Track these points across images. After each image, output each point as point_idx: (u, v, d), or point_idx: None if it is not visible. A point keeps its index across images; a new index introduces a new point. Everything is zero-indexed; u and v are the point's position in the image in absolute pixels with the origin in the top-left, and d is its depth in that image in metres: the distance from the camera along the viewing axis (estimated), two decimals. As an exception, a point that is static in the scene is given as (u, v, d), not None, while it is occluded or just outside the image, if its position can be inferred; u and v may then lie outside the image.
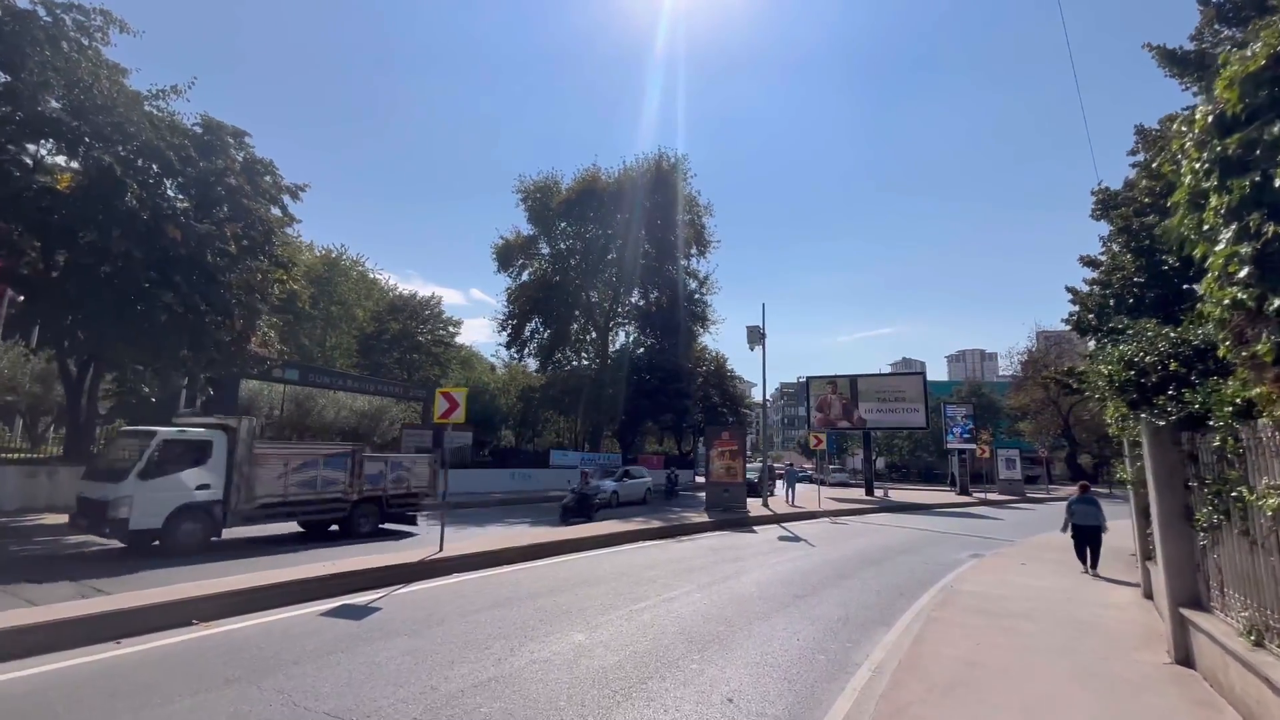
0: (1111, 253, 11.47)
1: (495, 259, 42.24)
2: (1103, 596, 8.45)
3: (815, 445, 25.27)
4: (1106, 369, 5.76)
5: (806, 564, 11.94)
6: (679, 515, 18.79)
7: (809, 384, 34.73)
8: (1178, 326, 8.33)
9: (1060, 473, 53.84)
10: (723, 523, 17.73)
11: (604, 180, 40.55)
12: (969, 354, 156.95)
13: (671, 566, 11.10)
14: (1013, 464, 38.85)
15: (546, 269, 43.03)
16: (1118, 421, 8.32)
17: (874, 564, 12.15)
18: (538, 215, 41.65)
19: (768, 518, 19.39)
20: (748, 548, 13.90)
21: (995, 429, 49.35)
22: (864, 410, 32.91)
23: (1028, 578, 10.01)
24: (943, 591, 9.18)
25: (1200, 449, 4.90)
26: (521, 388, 44.22)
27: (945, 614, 7.42)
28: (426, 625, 6.84)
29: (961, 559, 13.15)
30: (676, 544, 14.19)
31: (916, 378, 33.10)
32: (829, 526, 19.04)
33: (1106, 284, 12.17)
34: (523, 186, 42.04)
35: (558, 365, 44.90)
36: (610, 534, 14.05)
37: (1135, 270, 10.18)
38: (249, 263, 15.56)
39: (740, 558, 12.44)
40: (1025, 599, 8.22)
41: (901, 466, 59.88)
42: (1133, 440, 7.66)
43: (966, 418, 36.26)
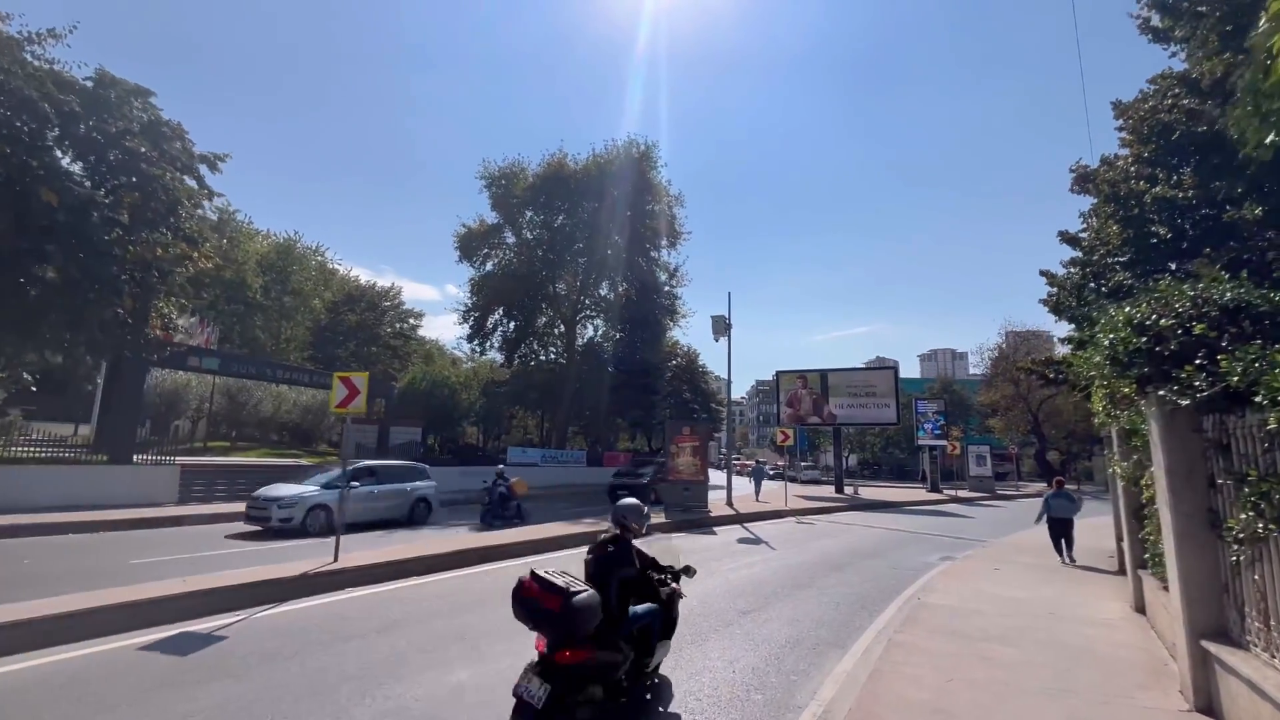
0: (1094, 227, 10.53)
1: (457, 248, 40.53)
2: (1088, 611, 7.41)
3: (782, 441, 24.24)
4: (1108, 337, 4.61)
5: (763, 570, 10.77)
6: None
7: (779, 379, 33.77)
8: None
9: (1029, 469, 54.05)
10: (681, 524, 16.52)
11: (571, 167, 39.08)
12: (940, 353, 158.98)
13: (609, 576, 9.83)
14: (983, 460, 38.51)
15: (512, 259, 41.41)
16: (1107, 408, 7.27)
17: (836, 569, 11.04)
18: (502, 203, 40.01)
19: (730, 518, 18.24)
20: (703, 551, 12.70)
21: (966, 426, 49.22)
22: (835, 406, 32.07)
23: (1003, 586, 8.96)
24: (909, 603, 8.07)
25: (1236, 436, 3.76)
26: (485, 382, 42.54)
27: (910, 636, 6.26)
28: (271, 661, 5.44)
29: (931, 562, 12.14)
30: (625, 548, 12.94)
31: (888, 373, 32.38)
32: (794, 527, 17.98)
33: (1086, 263, 11.22)
34: (487, 172, 40.35)
35: (524, 359, 43.37)
36: (551, 538, 12.73)
37: (1121, 244, 9.21)
38: (147, 236, 13.82)
39: (698, 563, 11.19)
40: (1002, 614, 7.12)
41: (873, 463, 59.58)
42: (1126, 429, 6.60)
43: (938, 414, 35.72)
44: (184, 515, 14.57)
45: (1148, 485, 6.25)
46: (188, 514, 14.75)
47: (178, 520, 14.19)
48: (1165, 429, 4.34)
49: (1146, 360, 4.22)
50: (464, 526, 15.62)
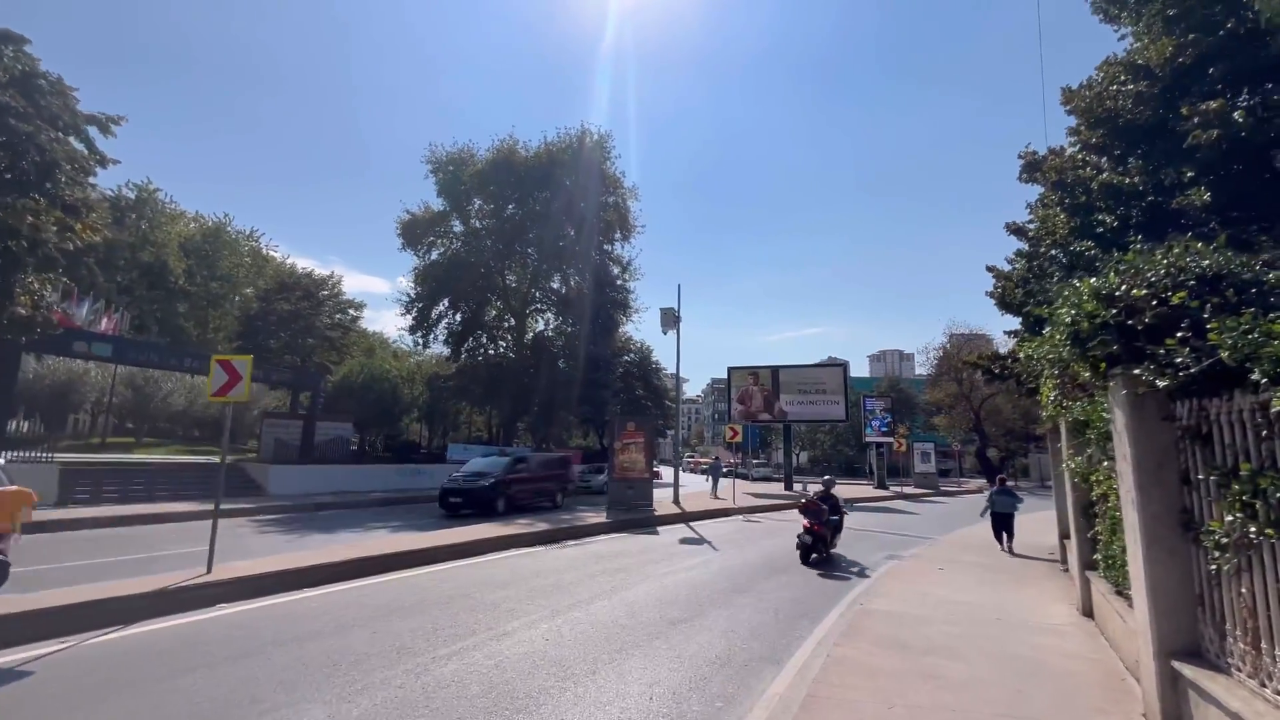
0: (1040, 217, 10.29)
1: (400, 235, 38.65)
2: (1036, 615, 6.99)
3: (731, 437, 23.80)
4: (1070, 313, 4.03)
5: (702, 574, 10.09)
6: (574, 516, 16.66)
7: (730, 375, 33.44)
8: None
9: (970, 465, 55.73)
10: (623, 523, 15.75)
11: (522, 155, 37.77)
12: (889, 354, 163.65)
13: (533, 583, 8.96)
14: (928, 457, 39.25)
15: (459, 248, 39.81)
16: (1057, 400, 6.85)
17: (779, 572, 10.46)
18: (450, 190, 38.38)
19: (675, 517, 17.59)
20: (641, 554, 11.95)
21: (912, 423, 50.29)
22: (785, 402, 31.94)
23: (948, 588, 8.52)
24: (852, 609, 7.50)
25: (1220, 423, 3.21)
26: (428, 376, 40.77)
27: (851, 649, 5.64)
28: (67, 710, 4.36)
29: (877, 561, 11.74)
30: (558, 551, 12.09)
31: (837, 369, 32.49)
32: (741, 525, 17.47)
33: (1033, 255, 11.00)
34: (434, 157, 38.62)
35: (472, 353, 41.82)
36: (476, 540, 11.75)
37: (1068, 233, 8.93)
38: (14, 201, 12.09)
39: (626, 568, 10.45)
40: (948, 621, 6.61)
41: (824, 460, 60.38)
42: (1078, 421, 6.16)
43: (885, 411, 36.15)
44: (58, 520, 12.88)
45: (1099, 481, 5.81)
46: (62, 518, 13.05)
47: (41, 526, 12.45)
48: (1132, 417, 3.79)
49: (1116, 336, 3.65)
50: (386, 528, 14.44)
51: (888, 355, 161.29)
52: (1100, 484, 5.77)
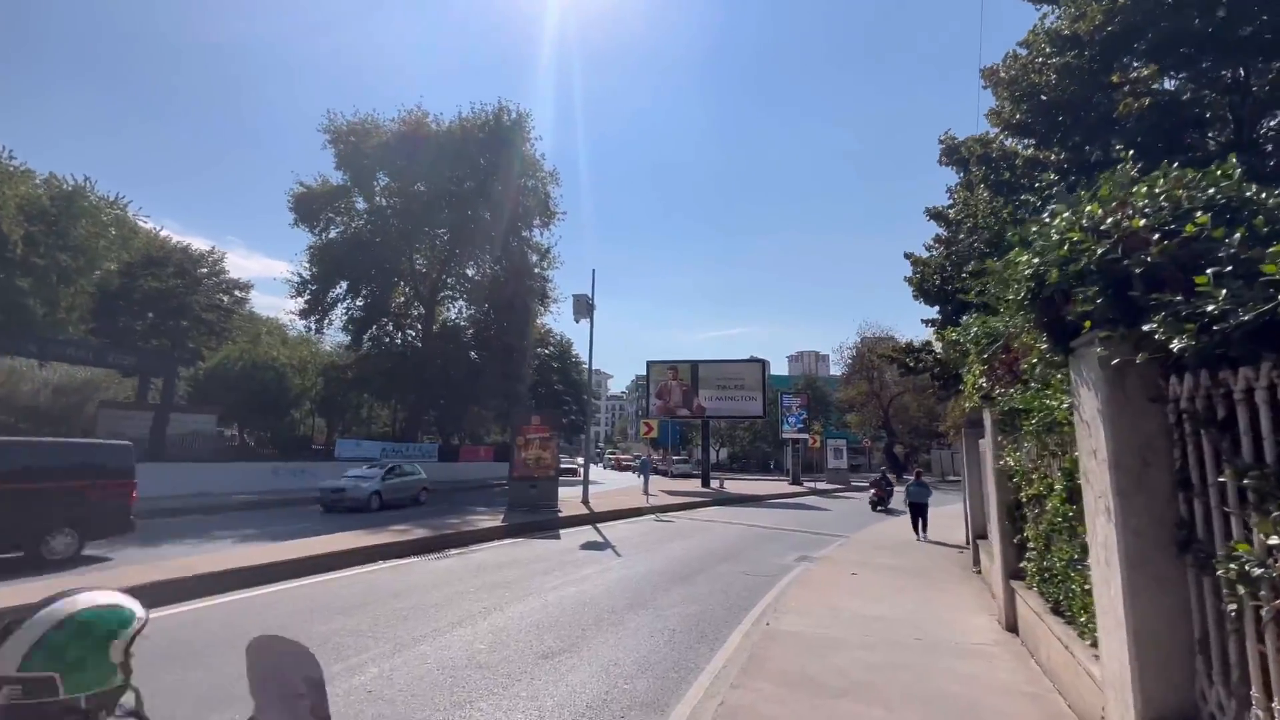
0: (962, 198, 9.83)
1: (293, 210, 34.94)
2: (957, 630, 6.22)
3: (645, 433, 22.81)
4: (1029, 261, 3.05)
5: (597, 586, 8.84)
6: (463, 519, 14.98)
7: (649, 369, 32.51)
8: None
9: (878, 461, 57.98)
10: (521, 527, 14.26)
11: (433, 128, 35.12)
12: (806, 355, 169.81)
13: (388, 607, 7.40)
14: (840, 454, 40.12)
15: (361, 227, 36.54)
16: (983, 388, 6.07)
17: (683, 581, 9.39)
18: (351, 162, 35.07)
19: (581, 518, 16.28)
20: (533, 563, 10.56)
21: (826, 421, 51.59)
22: (704, 398, 31.39)
23: (862, 599, 7.70)
24: (758, 628, 6.49)
25: (1258, 403, 2.23)
26: (323, 365, 37.26)
27: (750, 693, 4.55)
28: None
29: (788, 564, 10.96)
30: (435, 562, 10.49)
31: (756, 366, 32.29)
32: (652, 526, 16.40)
33: (951, 240, 10.54)
34: (332, 126, 35.14)
35: (376, 341, 38.62)
36: (334, 553, 9.93)
37: (991, 212, 8.41)
38: None
39: (509, 582, 9.03)
40: (864, 643, 5.69)
41: (742, 457, 61.08)
42: (1009, 411, 5.37)
43: (801, 408, 36.50)
44: None
45: (1034, 481, 5.01)
46: None
47: None
48: (1112, 399, 2.84)
49: (1102, 284, 2.65)
50: (234, 537, 12.20)
51: (805, 356, 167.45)
52: (1034, 484, 4.96)
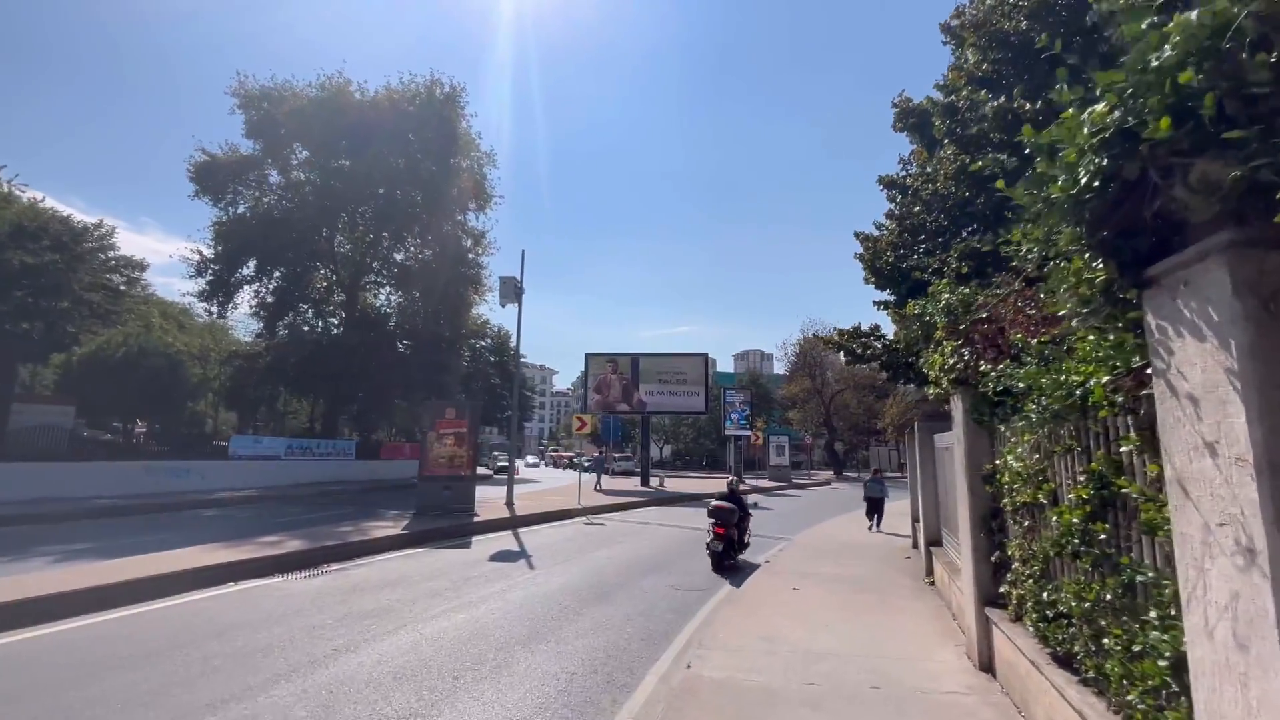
0: (921, 160, 8.81)
1: (194, 180, 31.38)
2: (923, 674, 5.03)
3: (579, 429, 21.29)
4: (1101, 117, 1.71)
5: (494, 611, 7.30)
6: (357, 526, 13.05)
7: (588, 362, 30.94)
8: (1004, 238, 5.23)
9: (819, 458, 58.47)
10: (426, 534, 12.49)
11: (357, 99, 32.33)
12: (751, 354, 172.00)
13: (202, 651, 5.64)
14: (782, 450, 39.79)
15: (274, 202, 33.32)
16: (947, 373, 4.92)
17: (600, 599, 7.96)
18: (263, 131, 31.87)
19: (501, 523, 14.61)
20: (425, 580, 8.89)
21: (769, 418, 51.42)
22: (645, 393, 30.11)
23: (805, 626, 6.47)
24: (678, 670, 5.14)
25: None
26: (227, 354, 33.80)
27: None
28: None
29: (722, 577, 9.72)
30: (303, 582, 8.69)
31: (699, 359, 31.25)
32: (580, 530, 14.91)
33: (905, 216, 9.53)
34: (243, 89, 31.81)
35: (293, 328, 35.38)
36: (167, 575, 7.97)
37: (955, 171, 7.37)
38: None
39: (386, 608, 7.36)
40: (807, 698, 4.41)
41: (686, 454, 60.38)
42: (986, 397, 4.20)
43: (744, 404, 35.81)
44: None
45: (1037, 483, 3.82)
46: None
47: None
48: (1262, 347, 1.54)
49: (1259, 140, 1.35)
50: (58, 553, 9.91)
51: (750, 355, 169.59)
52: (1029, 489, 3.77)
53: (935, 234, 8.77)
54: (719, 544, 9.67)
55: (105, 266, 35.46)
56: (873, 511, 15.03)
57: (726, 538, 9.70)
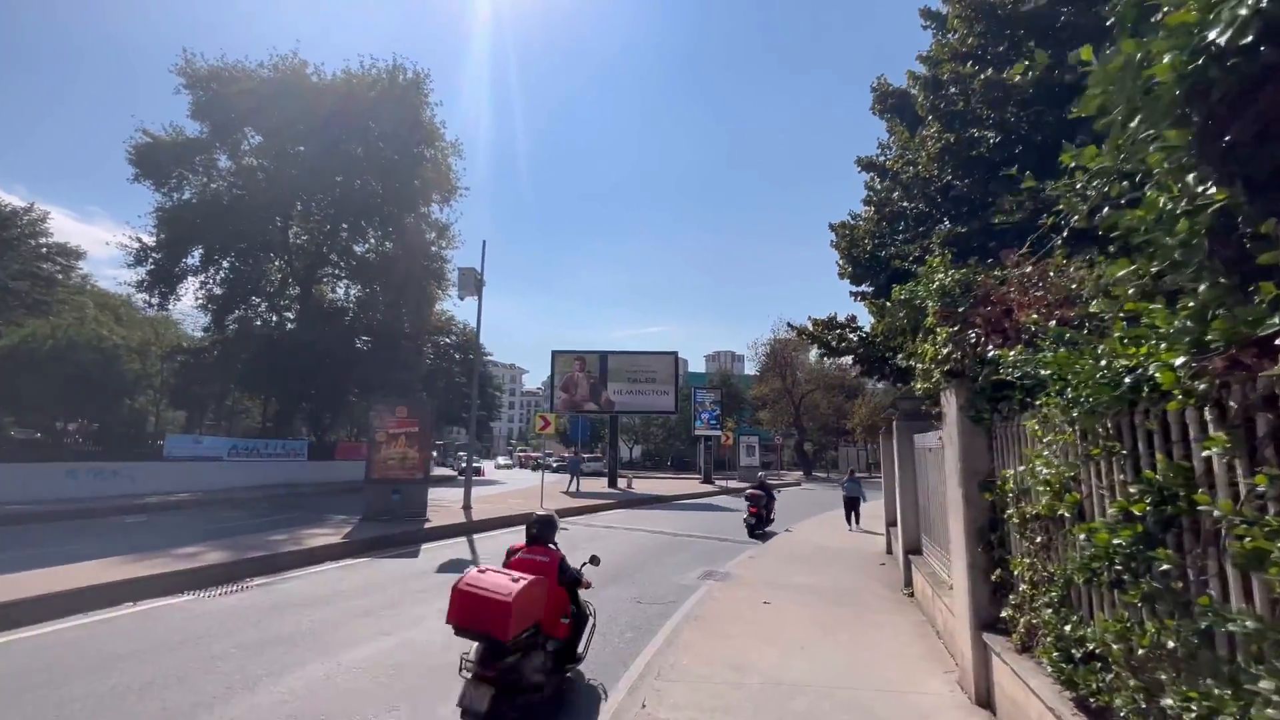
0: (902, 140, 8.27)
1: (134, 163, 29.40)
2: (912, 708, 4.42)
3: (541, 428, 20.41)
4: None
5: (431, 633, 6.47)
6: (293, 535, 11.98)
7: (554, 360, 30.01)
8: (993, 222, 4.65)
9: (788, 459, 58.55)
10: (369, 543, 11.52)
11: (314, 82, 30.76)
12: (723, 354, 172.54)
13: (59, 694, 4.69)
14: (752, 451, 39.50)
15: (223, 189, 31.51)
16: (940, 365, 4.33)
17: (553, 617, 7.18)
18: (212, 112, 30.07)
19: (454, 528, 13.69)
20: (360, 597, 7.99)
21: (739, 418, 51.18)
22: (613, 391, 29.34)
23: (778, 648, 5.83)
24: (633, 700, 4.43)
25: None
26: (169, 348, 31.87)
27: None
28: None
29: (690, 584, 9.05)
30: (214, 601, 7.72)
31: (669, 358, 30.62)
32: (540, 535, 14.05)
33: (884, 203, 8.99)
34: (189, 68, 29.94)
35: (244, 323, 33.57)
36: (75, 590, 6.92)
37: (940, 151, 6.81)
38: None
39: (308, 631, 6.47)
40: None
41: (655, 455, 59.81)
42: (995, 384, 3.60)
43: (715, 403, 35.34)
44: None
45: (1059, 491, 3.21)
46: None
47: None
48: None
49: None
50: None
51: (721, 356, 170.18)
52: (1056, 498, 3.16)
53: (916, 221, 8.29)
54: (753, 519, 14.17)
55: (36, 254, 33.27)
56: (850, 510, 15.79)
57: (759, 515, 14.27)
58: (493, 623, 3.66)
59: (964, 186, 6.86)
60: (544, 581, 4.30)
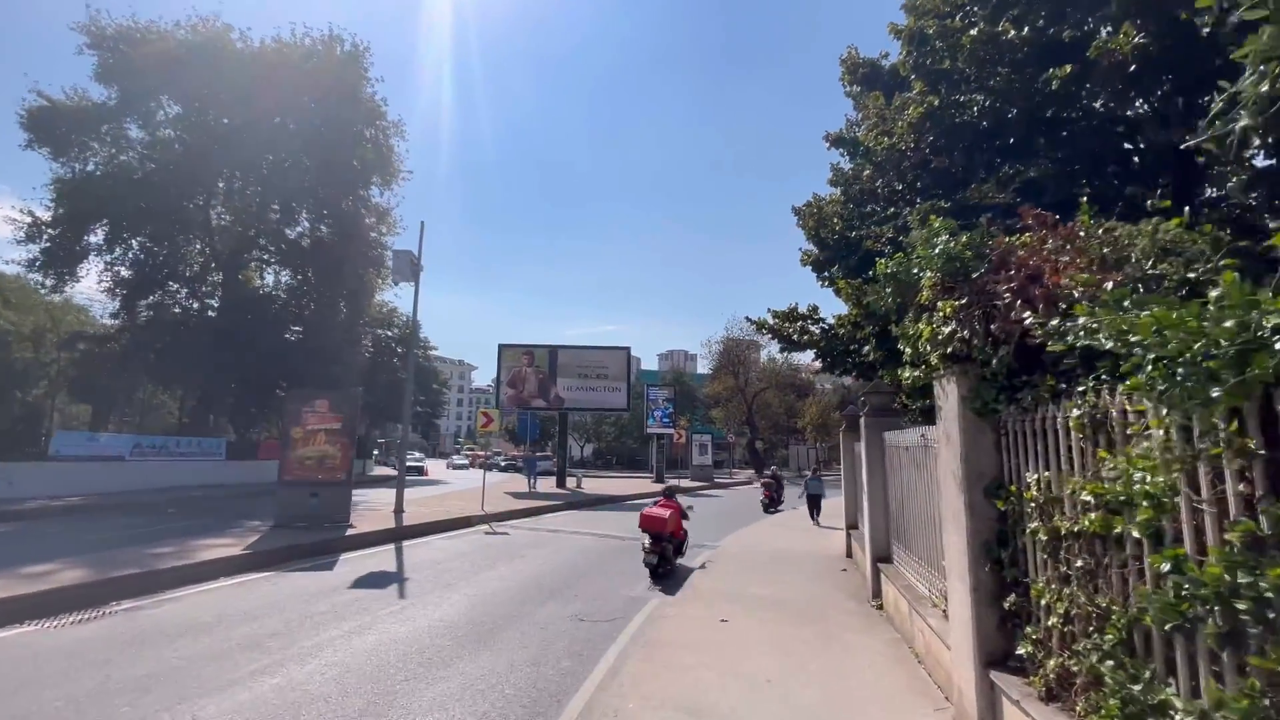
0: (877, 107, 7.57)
1: (27, 129, 26.34)
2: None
3: (483, 425, 19.16)
4: None
5: (328, 668, 5.36)
6: (183, 545, 10.47)
7: (501, 354, 28.64)
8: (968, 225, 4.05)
9: (740, 457, 58.68)
10: (276, 554, 10.14)
11: (238, 47, 28.34)
12: (676, 354, 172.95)
13: None
14: (705, 449, 39.07)
15: (134, 161, 28.67)
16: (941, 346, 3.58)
17: (481, 642, 6.18)
18: (121, 76, 27.28)
19: (382, 535, 12.38)
20: (249, 621, 6.75)
21: (692, 416, 50.83)
22: (563, 388, 28.22)
23: (738, 680, 5.02)
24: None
25: None
26: (67, 335, 28.78)
27: None
28: None
29: (639, 597, 8.18)
30: (60, 633, 6.34)
31: (621, 353, 29.71)
32: (479, 541, 12.95)
33: (853, 179, 8.34)
34: (94, 25, 27.03)
35: (159, 309, 30.68)
36: None
37: (923, 116, 6.12)
38: None
39: (172, 672, 5.26)
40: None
41: (608, 454, 58.84)
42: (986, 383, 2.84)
43: (668, 400, 34.69)
44: None
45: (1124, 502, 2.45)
46: None
47: None
48: None
49: None
50: None
51: (675, 355, 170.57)
52: (1112, 513, 2.40)
53: (887, 201, 7.67)
54: (766, 500, 18.62)
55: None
56: (812, 507, 16.61)
57: (771, 497, 18.28)
58: (658, 526, 8.85)
59: (946, 160, 6.23)
60: (675, 514, 9.21)
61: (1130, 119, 5.84)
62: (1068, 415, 2.75)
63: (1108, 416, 2.49)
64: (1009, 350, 3.19)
